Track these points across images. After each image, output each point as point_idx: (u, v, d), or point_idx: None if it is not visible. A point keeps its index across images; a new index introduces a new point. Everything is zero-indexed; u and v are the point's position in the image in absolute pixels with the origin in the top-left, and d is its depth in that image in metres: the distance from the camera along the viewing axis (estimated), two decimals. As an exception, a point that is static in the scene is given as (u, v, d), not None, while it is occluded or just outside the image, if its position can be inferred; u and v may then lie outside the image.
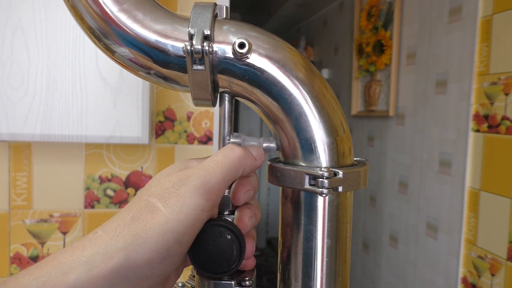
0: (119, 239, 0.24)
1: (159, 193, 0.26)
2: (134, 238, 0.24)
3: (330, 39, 2.24)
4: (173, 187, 0.26)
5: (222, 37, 0.27)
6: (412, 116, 1.41)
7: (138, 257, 0.24)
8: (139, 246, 0.24)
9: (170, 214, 0.25)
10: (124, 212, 0.26)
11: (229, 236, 0.27)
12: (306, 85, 0.27)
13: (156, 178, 0.28)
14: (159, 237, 0.24)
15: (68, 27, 0.68)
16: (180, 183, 0.26)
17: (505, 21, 1.00)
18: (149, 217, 0.25)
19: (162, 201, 0.26)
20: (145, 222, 0.25)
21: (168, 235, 0.24)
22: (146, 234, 0.24)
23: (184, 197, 0.25)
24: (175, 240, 0.25)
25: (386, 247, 1.59)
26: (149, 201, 0.26)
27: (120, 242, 0.24)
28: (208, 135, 0.83)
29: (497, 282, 1.01)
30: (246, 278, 0.29)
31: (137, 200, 0.27)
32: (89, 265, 0.23)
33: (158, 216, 0.25)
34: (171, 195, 0.26)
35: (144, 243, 0.24)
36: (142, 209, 0.26)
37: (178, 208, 0.25)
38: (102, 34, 0.27)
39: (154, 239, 0.24)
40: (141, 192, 0.27)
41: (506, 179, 0.99)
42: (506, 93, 0.99)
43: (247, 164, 0.28)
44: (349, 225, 0.29)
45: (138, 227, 0.25)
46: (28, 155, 0.76)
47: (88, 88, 0.69)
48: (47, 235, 0.78)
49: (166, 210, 0.25)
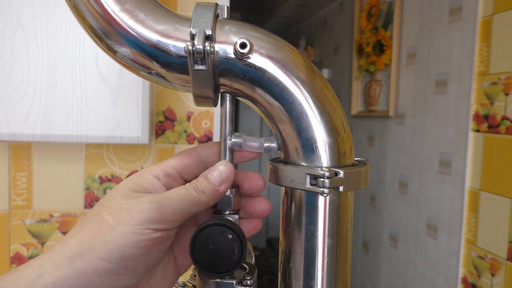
0: (66, 248, 0.25)
1: (111, 208, 0.27)
2: (80, 247, 0.25)
3: (330, 39, 2.24)
4: (127, 204, 0.27)
5: (223, 37, 0.27)
6: (412, 116, 1.41)
7: (83, 266, 0.25)
8: (84, 255, 0.25)
9: (116, 225, 0.26)
10: (76, 225, 0.27)
11: (230, 235, 0.27)
12: (307, 85, 0.27)
13: (109, 195, 0.28)
14: (102, 246, 0.25)
15: (68, 27, 0.68)
16: (134, 201, 0.27)
17: (505, 21, 1.00)
18: (95, 227, 0.26)
19: (112, 214, 0.26)
20: (91, 232, 0.26)
21: (110, 245, 0.25)
22: (90, 243, 0.25)
23: (134, 211, 0.26)
24: (117, 251, 0.25)
25: (386, 247, 1.59)
26: (99, 214, 0.27)
27: (67, 251, 0.25)
28: (208, 135, 0.83)
29: (497, 282, 1.01)
30: (247, 277, 0.29)
31: (89, 214, 0.27)
32: (39, 271, 0.24)
33: (105, 228, 0.26)
34: (122, 210, 0.26)
35: (89, 251, 0.25)
36: (91, 220, 0.27)
37: (126, 221, 0.26)
38: (104, 34, 0.27)
39: (98, 248, 0.25)
40: (93, 207, 0.28)
41: (506, 179, 0.99)
42: (506, 93, 0.99)
43: (209, 201, 0.28)
44: (349, 224, 0.29)
45: (84, 236, 0.26)
46: (28, 155, 0.76)
47: (88, 88, 0.69)
48: (47, 235, 0.78)
49: (113, 222, 0.26)
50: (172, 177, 0.30)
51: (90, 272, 0.25)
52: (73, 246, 0.25)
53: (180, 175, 0.31)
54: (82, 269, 0.25)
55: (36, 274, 0.24)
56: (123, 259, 0.25)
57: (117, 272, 0.25)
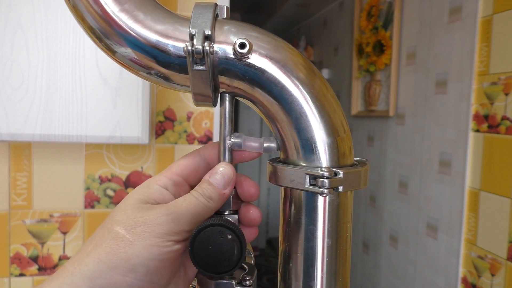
0: (83, 268, 0.24)
1: (125, 222, 0.26)
2: (98, 265, 0.24)
3: (330, 39, 2.24)
4: (141, 217, 0.26)
5: (222, 37, 0.27)
6: (412, 116, 1.41)
7: (104, 283, 0.24)
8: (105, 273, 0.24)
9: (135, 240, 0.25)
10: (87, 242, 0.26)
11: (229, 235, 0.27)
12: (306, 85, 0.27)
13: (120, 209, 0.27)
14: (124, 262, 0.24)
15: (68, 27, 0.68)
16: (149, 213, 0.26)
17: (505, 21, 1.00)
18: (113, 244, 0.25)
19: (128, 229, 0.25)
20: (109, 249, 0.25)
21: (133, 260, 0.24)
22: (110, 261, 0.24)
23: (153, 225, 0.25)
24: (142, 266, 0.24)
25: (386, 247, 1.59)
26: (113, 229, 0.26)
27: (84, 271, 0.24)
28: (208, 135, 0.83)
29: (497, 282, 1.01)
30: (247, 277, 0.29)
31: (100, 229, 0.26)
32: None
33: (123, 243, 0.25)
34: (138, 224, 0.25)
35: (110, 269, 0.24)
36: (105, 236, 0.25)
37: (145, 235, 0.25)
38: (103, 34, 0.27)
39: (120, 265, 0.24)
40: (104, 222, 0.27)
41: (506, 179, 0.99)
42: (506, 93, 0.99)
43: (217, 205, 0.28)
44: (349, 225, 0.29)
45: (101, 254, 0.25)
46: (28, 155, 0.76)
47: (88, 88, 0.69)
48: (47, 235, 0.78)
49: (131, 237, 0.25)
50: (179, 185, 0.30)
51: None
52: (90, 266, 0.24)
53: (185, 181, 0.30)
54: (102, 287, 0.24)
55: None
56: (148, 273, 0.25)
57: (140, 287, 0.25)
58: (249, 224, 0.31)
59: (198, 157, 0.31)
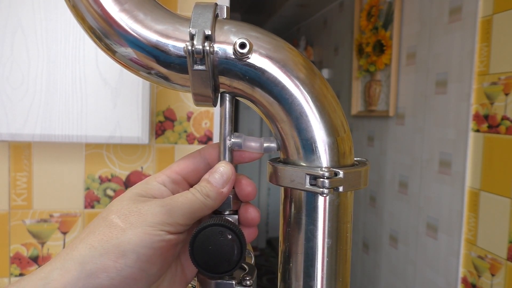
0: (75, 253, 0.25)
1: (120, 211, 0.26)
2: (90, 250, 0.24)
3: (330, 39, 2.24)
4: (136, 207, 0.26)
5: (223, 37, 0.27)
6: (412, 116, 1.41)
7: (95, 269, 0.24)
8: (96, 258, 0.24)
9: (128, 228, 0.25)
10: (83, 230, 0.27)
11: (229, 235, 0.27)
12: (306, 85, 0.27)
13: (117, 200, 0.28)
14: (115, 248, 0.24)
15: (68, 27, 0.68)
16: (144, 204, 0.26)
17: (505, 21, 1.00)
18: (106, 231, 0.25)
19: (122, 217, 0.26)
20: (102, 235, 0.25)
21: (124, 246, 0.25)
22: (102, 247, 0.24)
23: (146, 214, 0.26)
24: (132, 252, 0.25)
25: (386, 247, 1.59)
26: (107, 218, 0.26)
27: (76, 256, 0.24)
28: (208, 135, 0.83)
29: (497, 282, 1.01)
30: (247, 277, 0.29)
31: (96, 219, 0.27)
32: (46, 279, 0.24)
33: (116, 230, 0.25)
34: (132, 213, 0.26)
35: (101, 255, 0.24)
36: (99, 225, 0.26)
37: (138, 223, 0.25)
38: (103, 34, 0.27)
39: (111, 251, 0.24)
40: (101, 213, 0.27)
41: (506, 179, 0.99)
42: (506, 93, 0.99)
43: (215, 204, 0.29)
44: (349, 225, 0.29)
45: (94, 240, 0.25)
46: (28, 155, 0.76)
47: (88, 88, 0.69)
48: (47, 235, 0.78)
49: (124, 225, 0.25)
50: (177, 183, 0.30)
51: (102, 275, 0.24)
52: (82, 251, 0.24)
53: (185, 180, 0.31)
54: (93, 272, 0.24)
55: (42, 282, 0.23)
56: (138, 260, 0.25)
57: (131, 275, 0.25)
58: (247, 224, 0.31)
59: (199, 157, 0.31)
